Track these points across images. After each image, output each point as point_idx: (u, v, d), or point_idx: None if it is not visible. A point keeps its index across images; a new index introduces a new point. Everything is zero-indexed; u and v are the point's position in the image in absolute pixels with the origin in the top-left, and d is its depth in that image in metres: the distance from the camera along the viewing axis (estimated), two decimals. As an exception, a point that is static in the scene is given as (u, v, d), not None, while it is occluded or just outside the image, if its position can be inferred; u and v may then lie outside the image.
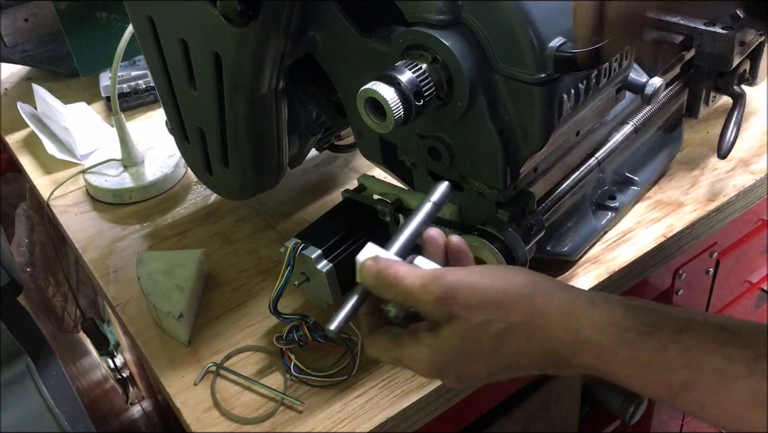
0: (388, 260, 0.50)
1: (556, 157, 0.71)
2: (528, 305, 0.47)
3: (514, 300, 0.47)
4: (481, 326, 0.47)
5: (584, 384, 1.02)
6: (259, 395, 0.67)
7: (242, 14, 0.61)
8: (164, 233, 0.88)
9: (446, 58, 0.57)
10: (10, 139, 1.11)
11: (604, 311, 0.46)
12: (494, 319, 0.47)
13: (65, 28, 1.13)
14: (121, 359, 1.58)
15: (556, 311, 0.47)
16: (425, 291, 0.48)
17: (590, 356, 0.47)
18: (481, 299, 0.47)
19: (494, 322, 0.47)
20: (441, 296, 0.47)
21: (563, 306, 0.47)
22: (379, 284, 0.50)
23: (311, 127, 0.80)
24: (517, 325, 0.47)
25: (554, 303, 0.47)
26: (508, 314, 0.47)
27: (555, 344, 0.47)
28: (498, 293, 0.48)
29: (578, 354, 0.47)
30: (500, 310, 0.47)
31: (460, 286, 0.48)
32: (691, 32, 0.83)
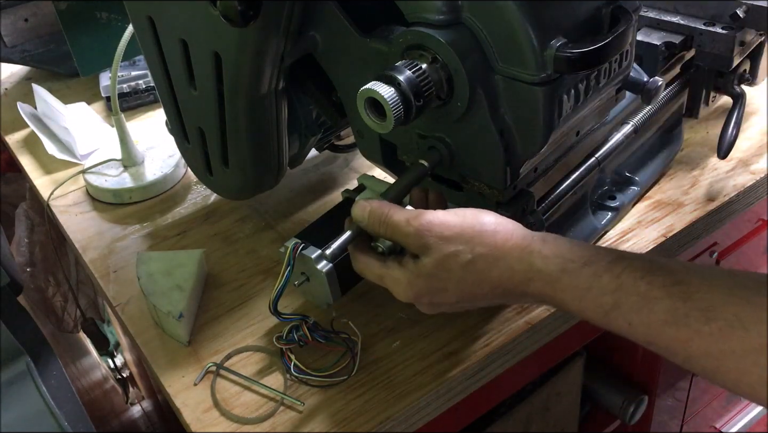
0: (380, 201, 0.60)
1: (556, 157, 0.71)
2: (491, 240, 0.56)
3: (479, 235, 0.56)
4: (452, 256, 0.56)
5: (584, 384, 1.02)
6: (259, 395, 0.67)
7: (242, 14, 0.61)
8: (164, 233, 0.88)
9: (446, 58, 0.57)
10: (10, 139, 1.11)
11: (553, 246, 0.55)
12: (462, 250, 0.56)
13: (65, 28, 1.13)
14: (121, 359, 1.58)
15: (513, 246, 0.56)
16: (408, 225, 0.57)
17: (540, 283, 0.55)
18: (453, 233, 0.56)
19: (463, 253, 0.56)
20: (420, 229, 0.57)
21: (519, 243, 0.56)
22: (371, 219, 0.60)
23: (311, 127, 0.80)
24: (481, 256, 0.56)
25: (512, 240, 0.56)
26: (474, 247, 0.56)
27: (511, 274, 0.56)
28: (467, 229, 0.57)
29: (531, 282, 0.55)
30: (468, 243, 0.56)
31: (435, 222, 0.57)
32: (691, 32, 0.83)
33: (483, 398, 0.76)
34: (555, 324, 0.72)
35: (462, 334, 0.70)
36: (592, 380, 1.06)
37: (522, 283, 0.56)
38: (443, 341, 0.70)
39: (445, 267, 0.57)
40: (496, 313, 0.72)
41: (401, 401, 0.65)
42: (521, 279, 0.56)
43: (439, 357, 0.68)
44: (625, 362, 1.06)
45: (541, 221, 0.68)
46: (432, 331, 0.71)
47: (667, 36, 0.83)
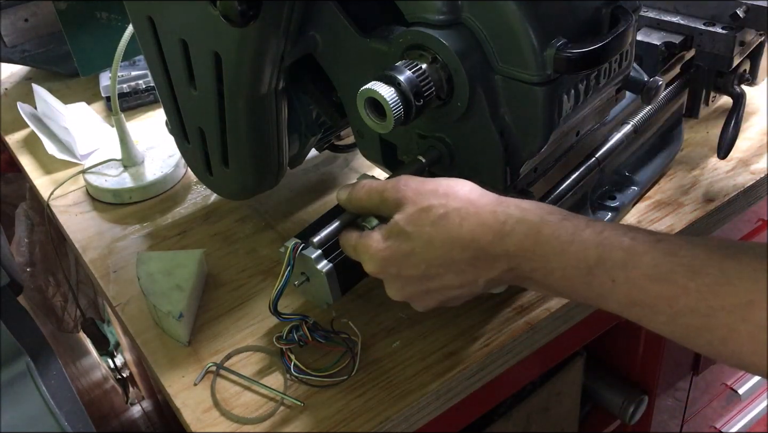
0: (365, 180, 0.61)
1: (556, 157, 0.71)
2: (465, 196, 0.55)
3: (455, 191, 0.55)
4: (425, 210, 0.55)
5: (584, 384, 1.02)
6: (259, 395, 0.67)
7: (242, 14, 0.61)
8: (164, 233, 0.88)
9: (446, 58, 0.57)
10: (10, 139, 1.11)
11: (530, 202, 0.54)
12: (436, 204, 0.55)
13: (65, 28, 1.13)
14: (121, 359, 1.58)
15: (489, 201, 0.55)
16: (384, 186, 0.58)
17: (518, 236, 0.52)
18: (428, 189, 0.56)
19: (435, 207, 0.55)
20: (397, 184, 0.57)
21: (495, 198, 0.55)
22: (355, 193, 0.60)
23: (311, 127, 0.80)
24: (453, 210, 0.54)
25: (488, 197, 0.55)
26: (448, 201, 0.55)
27: (485, 229, 0.53)
28: (442, 186, 0.56)
29: (507, 236, 0.53)
30: (442, 197, 0.55)
31: (413, 179, 0.58)
32: (691, 32, 0.83)
33: (483, 398, 0.76)
34: (555, 324, 0.72)
35: (462, 334, 0.70)
36: (592, 380, 1.06)
37: (496, 238, 0.53)
38: (443, 341, 0.70)
39: (416, 222, 0.55)
40: (496, 313, 0.72)
41: (401, 401, 0.65)
42: (496, 232, 0.53)
43: (439, 357, 0.68)
44: (625, 362, 1.06)
45: (541, 221, 0.68)
46: (432, 331, 0.71)
47: (667, 36, 0.83)
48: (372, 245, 0.58)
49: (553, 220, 0.52)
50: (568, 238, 0.51)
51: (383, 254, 0.58)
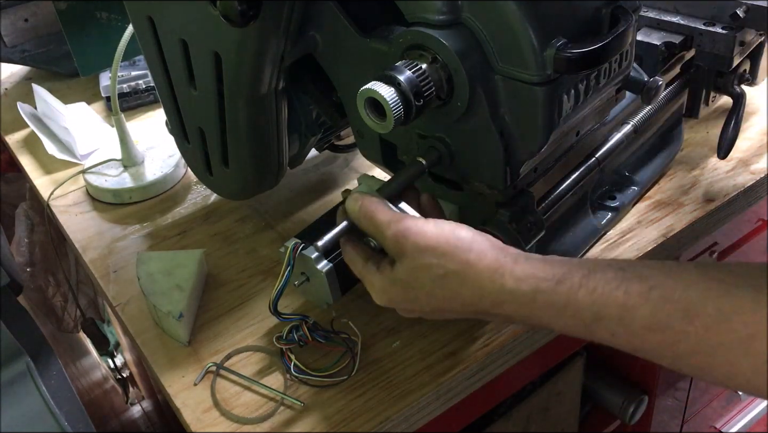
0: (372, 197, 0.60)
1: (556, 157, 0.71)
2: (464, 257, 0.55)
3: (453, 251, 0.56)
4: (425, 267, 0.56)
5: (584, 384, 1.02)
6: (259, 395, 0.67)
7: (242, 14, 0.61)
8: (164, 233, 0.88)
9: (446, 58, 0.57)
10: (10, 139, 1.11)
11: (525, 266, 0.54)
12: (435, 264, 0.56)
13: (65, 28, 1.13)
14: (121, 359, 1.58)
15: (485, 266, 0.55)
16: (387, 227, 0.58)
17: (514, 304, 0.54)
18: (427, 245, 0.56)
19: (435, 267, 0.56)
20: (397, 235, 0.57)
21: (491, 264, 0.55)
22: (360, 213, 0.60)
23: (311, 127, 0.80)
24: (452, 273, 0.55)
25: (485, 260, 0.55)
26: (447, 263, 0.55)
27: (482, 294, 0.55)
28: (442, 243, 0.56)
29: (504, 303, 0.55)
30: (441, 258, 0.56)
31: (413, 230, 0.57)
32: (691, 32, 0.83)
33: (483, 398, 0.76)
34: (555, 324, 0.72)
35: (462, 334, 0.70)
36: (592, 380, 1.06)
37: (494, 304, 0.55)
38: (443, 341, 0.70)
39: (416, 277, 0.57)
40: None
41: (401, 401, 0.65)
42: (493, 301, 0.55)
43: (439, 357, 0.68)
44: (625, 362, 1.06)
45: (541, 220, 0.68)
46: (432, 331, 0.71)
47: (667, 36, 0.83)
48: (377, 284, 0.60)
49: (546, 288, 0.53)
50: (563, 303, 0.52)
51: (388, 295, 0.60)
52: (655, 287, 0.49)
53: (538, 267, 0.54)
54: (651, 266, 0.52)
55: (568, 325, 0.53)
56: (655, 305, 0.49)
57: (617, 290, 0.50)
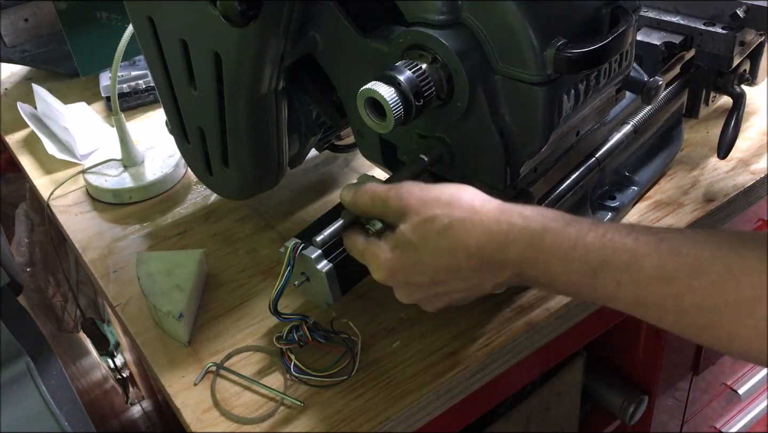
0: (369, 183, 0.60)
1: (556, 157, 0.71)
2: (468, 205, 0.55)
3: (458, 200, 0.55)
4: (429, 220, 0.55)
5: (584, 384, 1.02)
6: (259, 395, 0.67)
7: (242, 14, 0.61)
8: (164, 233, 0.88)
9: (446, 58, 0.57)
10: (10, 139, 1.11)
11: (533, 208, 0.54)
12: (440, 214, 0.55)
13: (65, 28, 1.13)
14: (121, 359, 1.58)
15: (492, 209, 0.55)
16: (388, 192, 0.58)
17: (521, 245, 0.53)
18: (431, 197, 0.56)
19: (440, 217, 0.55)
20: (399, 192, 0.57)
21: (499, 206, 0.55)
22: (357, 196, 0.60)
23: (311, 127, 0.80)
24: (458, 220, 0.54)
25: (491, 204, 0.55)
26: (452, 211, 0.55)
27: (489, 237, 0.54)
28: (445, 194, 0.56)
29: (511, 245, 0.53)
30: (446, 207, 0.55)
31: (416, 187, 0.57)
32: (691, 32, 0.83)
33: (483, 398, 0.76)
34: (555, 324, 0.72)
35: (462, 334, 0.70)
36: (592, 380, 1.06)
37: (501, 246, 0.53)
38: (443, 341, 0.70)
39: (421, 233, 0.56)
40: (496, 313, 0.72)
41: (401, 401, 0.65)
42: (500, 241, 0.53)
43: (439, 357, 0.68)
44: (625, 362, 1.06)
45: (541, 221, 0.68)
46: (432, 331, 0.71)
47: (667, 36, 0.83)
48: (380, 255, 0.59)
49: (555, 227, 0.52)
50: (571, 244, 0.51)
51: (391, 263, 0.58)
52: (665, 239, 0.49)
53: (546, 211, 0.54)
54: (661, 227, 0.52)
55: (574, 269, 0.51)
56: (664, 256, 0.48)
57: (627, 237, 0.50)
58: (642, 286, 0.49)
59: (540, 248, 0.52)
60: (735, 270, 0.46)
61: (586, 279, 0.51)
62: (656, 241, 0.49)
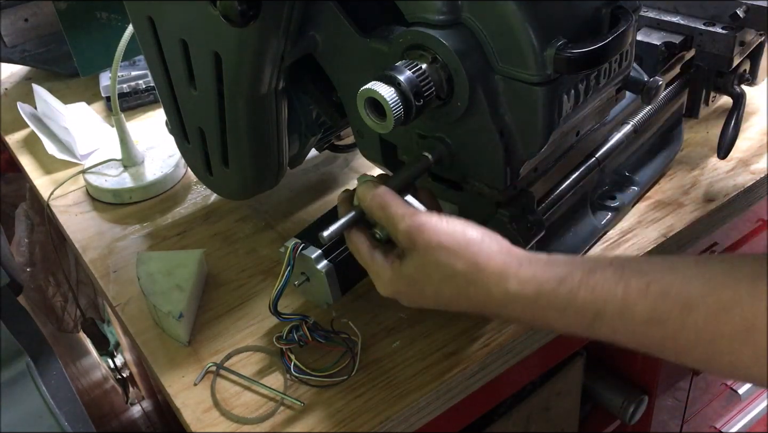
0: (385, 187, 0.61)
1: (556, 157, 0.71)
2: (472, 259, 0.56)
3: (463, 252, 0.56)
4: (434, 264, 0.57)
5: (584, 384, 1.02)
6: (259, 395, 0.67)
7: (242, 14, 0.61)
8: (164, 233, 0.88)
9: (446, 58, 0.57)
10: (10, 139, 1.11)
11: (529, 269, 0.56)
12: (444, 263, 0.57)
13: (65, 28, 1.13)
14: (121, 359, 1.58)
15: (492, 270, 0.56)
16: (401, 220, 0.58)
17: (518, 307, 0.56)
18: (440, 243, 0.57)
19: (444, 265, 0.57)
20: (411, 228, 0.58)
21: (498, 267, 0.56)
22: (373, 202, 0.60)
23: (311, 127, 0.80)
24: (460, 273, 0.56)
25: (492, 262, 0.56)
26: (456, 262, 0.56)
27: (489, 296, 0.56)
28: (452, 243, 0.57)
29: (508, 305, 0.56)
30: (451, 257, 0.56)
31: (427, 226, 0.57)
32: (691, 32, 0.83)
33: (483, 398, 0.76)
34: (555, 324, 0.72)
35: (462, 334, 0.70)
36: (592, 380, 1.06)
37: (500, 306, 0.56)
38: (443, 341, 0.70)
39: (425, 273, 0.58)
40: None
41: (401, 401, 0.65)
42: (498, 303, 0.56)
43: (439, 357, 0.68)
44: (625, 362, 1.06)
45: (541, 221, 0.68)
46: (432, 331, 0.71)
47: (667, 36, 0.83)
48: (383, 275, 0.61)
49: (549, 289, 0.54)
50: (564, 304, 0.53)
51: (394, 287, 0.60)
52: (654, 281, 0.50)
53: (540, 269, 0.55)
54: (651, 262, 0.53)
55: (571, 324, 0.54)
56: (655, 299, 0.50)
57: (617, 287, 0.51)
58: (637, 331, 0.51)
59: (535, 309, 0.55)
60: (726, 303, 0.47)
61: (584, 329, 0.54)
62: (645, 285, 0.50)
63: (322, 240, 0.60)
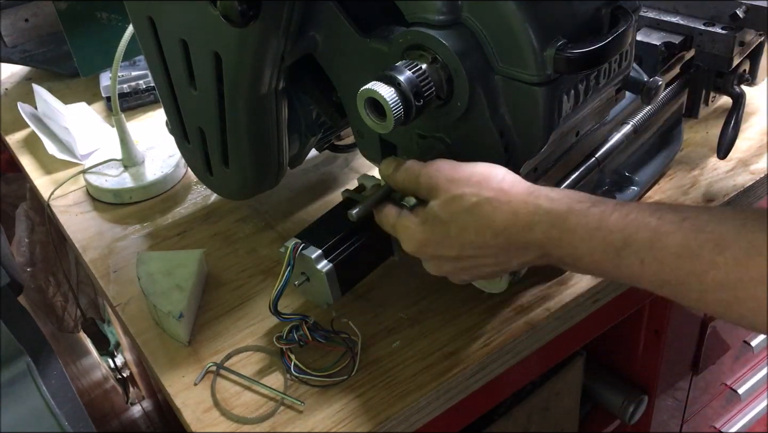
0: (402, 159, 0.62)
1: (556, 157, 0.71)
2: (497, 185, 0.56)
3: (487, 179, 0.57)
4: (458, 198, 0.57)
5: (584, 384, 1.02)
6: (259, 395, 0.67)
7: (242, 14, 0.61)
8: (164, 233, 0.88)
9: (446, 58, 0.57)
10: (11, 139, 1.11)
11: (561, 191, 0.56)
12: (468, 193, 0.56)
13: (65, 28, 1.13)
14: (121, 359, 1.58)
15: (520, 191, 0.56)
16: (421, 168, 0.59)
17: (546, 225, 0.54)
18: (461, 176, 0.57)
19: (468, 195, 0.56)
20: (430, 170, 0.58)
21: (526, 188, 0.56)
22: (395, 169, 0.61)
23: (311, 127, 0.80)
24: (486, 200, 0.56)
25: (519, 185, 0.56)
26: (480, 190, 0.56)
27: (515, 218, 0.55)
28: (475, 173, 0.57)
29: (536, 225, 0.54)
30: (474, 186, 0.56)
31: (446, 164, 0.59)
32: (691, 32, 0.83)
33: (483, 398, 0.76)
34: (555, 324, 0.72)
35: (462, 334, 0.70)
36: (592, 380, 1.06)
37: (526, 227, 0.55)
38: (443, 341, 0.70)
39: (450, 209, 0.57)
40: (495, 313, 0.72)
41: (401, 401, 0.65)
42: (526, 222, 0.55)
43: (439, 357, 0.68)
44: (624, 362, 1.06)
45: (541, 221, 0.68)
46: (432, 331, 0.71)
47: (666, 36, 0.83)
48: (410, 227, 0.60)
49: (580, 208, 0.53)
50: (595, 224, 0.52)
51: (420, 236, 0.60)
52: (689, 217, 0.49)
53: (572, 192, 0.55)
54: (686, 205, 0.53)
55: (597, 249, 0.52)
56: (687, 233, 0.49)
57: (650, 216, 0.50)
58: (665, 264, 0.50)
59: (564, 229, 0.53)
60: (759, 246, 0.46)
61: (610, 258, 0.52)
62: (680, 219, 0.49)
63: (351, 217, 0.62)
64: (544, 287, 0.74)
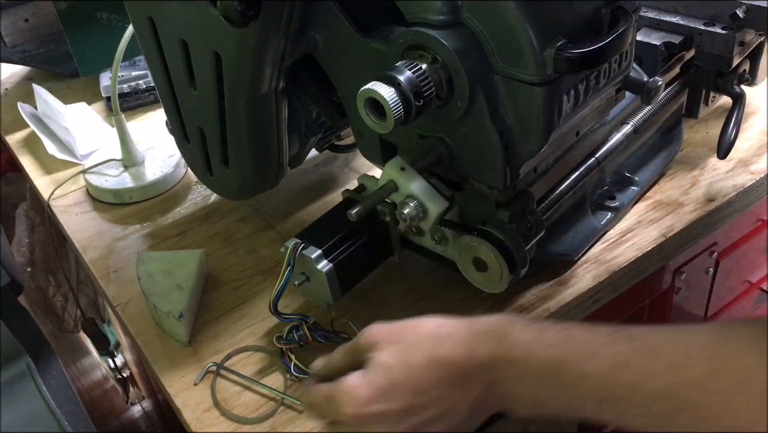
0: None
1: (556, 157, 0.71)
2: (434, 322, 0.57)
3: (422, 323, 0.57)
4: (399, 342, 0.55)
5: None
6: (259, 395, 0.67)
7: (242, 14, 0.61)
8: (164, 233, 0.88)
9: (446, 58, 0.57)
10: (11, 139, 1.11)
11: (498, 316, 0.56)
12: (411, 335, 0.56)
13: (65, 28, 1.13)
14: (121, 359, 1.58)
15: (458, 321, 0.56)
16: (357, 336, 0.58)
17: (489, 345, 0.54)
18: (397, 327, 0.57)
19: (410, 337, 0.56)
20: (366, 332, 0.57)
21: (465, 319, 0.56)
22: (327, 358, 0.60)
23: (311, 127, 0.80)
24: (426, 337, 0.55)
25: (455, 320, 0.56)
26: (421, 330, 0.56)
27: (458, 345, 0.54)
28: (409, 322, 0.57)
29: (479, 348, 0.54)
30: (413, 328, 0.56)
31: (379, 324, 0.57)
32: (691, 32, 0.83)
33: (483, 398, 0.76)
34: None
35: (462, 334, 0.70)
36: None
37: (470, 350, 0.54)
38: (443, 341, 0.70)
39: (392, 353, 0.55)
40: (495, 313, 0.72)
41: (401, 401, 0.65)
42: (469, 347, 0.54)
43: (439, 357, 0.68)
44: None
45: (541, 221, 0.68)
46: (432, 331, 0.71)
47: (666, 36, 0.83)
48: (349, 383, 0.54)
49: (518, 327, 0.54)
50: (533, 339, 0.53)
51: (365, 391, 0.54)
52: (621, 330, 0.51)
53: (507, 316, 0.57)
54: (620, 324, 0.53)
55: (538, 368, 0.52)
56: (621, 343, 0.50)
57: (584, 332, 0.52)
58: (604, 377, 0.49)
59: (506, 347, 0.53)
60: (690, 349, 0.47)
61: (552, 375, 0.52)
62: (613, 331, 0.51)
63: (351, 217, 0.62)
64: (544, 287, 0.74)
